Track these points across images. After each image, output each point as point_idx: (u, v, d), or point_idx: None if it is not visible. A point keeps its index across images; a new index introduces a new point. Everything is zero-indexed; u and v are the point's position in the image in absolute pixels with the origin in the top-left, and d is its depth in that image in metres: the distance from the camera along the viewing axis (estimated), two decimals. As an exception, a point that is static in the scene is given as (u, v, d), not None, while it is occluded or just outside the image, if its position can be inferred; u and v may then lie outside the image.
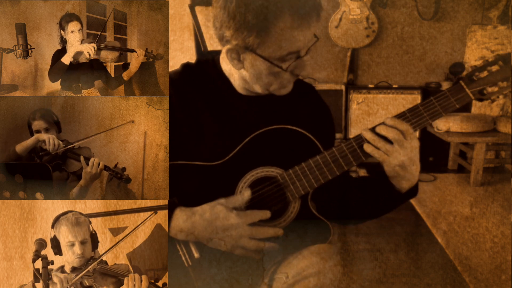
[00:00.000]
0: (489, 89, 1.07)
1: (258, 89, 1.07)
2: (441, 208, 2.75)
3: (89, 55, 1.17)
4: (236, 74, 1.09)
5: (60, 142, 1.13)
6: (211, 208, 1.03)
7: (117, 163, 1.15)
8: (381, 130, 1.02)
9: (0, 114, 1.14)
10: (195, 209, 1.04)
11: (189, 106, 1.12)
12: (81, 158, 1.13)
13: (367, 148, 1.03)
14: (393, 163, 1.01)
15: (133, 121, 1.15)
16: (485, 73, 1.07)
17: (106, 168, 1.13)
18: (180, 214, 1.04)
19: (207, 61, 1.16)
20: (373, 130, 1.03)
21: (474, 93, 1.06)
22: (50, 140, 1.12)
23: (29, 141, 1.12)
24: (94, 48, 1.18)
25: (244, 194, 1.05)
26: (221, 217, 1.01)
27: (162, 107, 1.14)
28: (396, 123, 1.02)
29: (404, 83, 3.52)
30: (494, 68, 1.07)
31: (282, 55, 0.98)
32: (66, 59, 1.17)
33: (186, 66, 1.16)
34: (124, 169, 1.14)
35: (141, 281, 1.06)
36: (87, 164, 1.12)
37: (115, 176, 1.13)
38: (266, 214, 1.03)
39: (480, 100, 1.08)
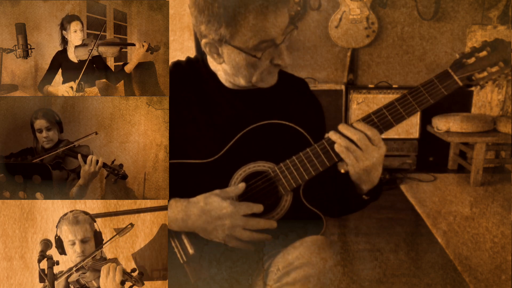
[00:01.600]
0: (478, 75, 1.06)
1: (241, 81, 1.08)
2: (441, 208, 2.75)
3: (67, 93, 1.18)
4: (221, 70, 1.10)
5: None
6: (206, 198, 1.03)
7: (114, 159, 1.14)
8: (348, 131, 1.02)
9: (0, 114, 1.14)
10: (190, 199, 1.04)
11: (181, 104, 1.12)
12: (79, 156, 1.12)
13: (337, 147, 1.03)
14: (358, 166, 1.02)
15: (96, 133, 1.15)
16: (472, 60, 1.07)
17: (104, 165, 1.13)
18: (175, 205, 1.05)
19: (196, 59, 1.17)
20: (340, 131, 1.03)
21: (462, 79, 1.06)
22: None
23: None
24: (71, 88, 1.18)
25: (239, 186, 1.05)
26: (215, 206, 1.02)
27: (162, 107, 1.14)
28: (364, 128, 1.02)
29: (404, 83, 3.52)
30: (482, 54, 1.07)
31: (255, 44, 0.98)
32: (50, 89, 1.19)
33: (176, 65, 1.16)
34: (121, 165, 1.14)
35: (116, 269, 1.05)
36: (85, 163, 1.12)
37: (111, 172, 1.13)
38: (259, 208, 1.04)
39: (469, 86, 1.08)
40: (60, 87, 1.18)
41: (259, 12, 0.95)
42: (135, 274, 1.05)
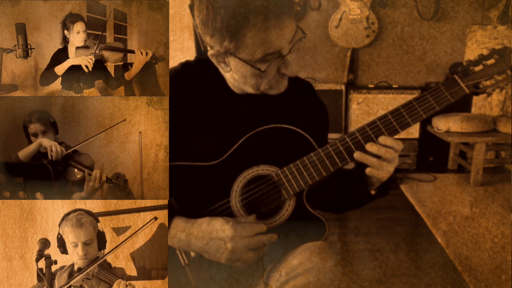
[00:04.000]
0: (485, 83, 1.06)
1: (249, 89, 1.08)
2: (441, 208, 2.75)
3: (87, 68, 1.16)
4: (229, 75, 1.10)
5: (63, 149, 1.11)
6: (209, 220, 1.03)
7: (118, 174, 1.13)
8: (380, 151, 1.03)
9: (0, 114, 1.14)
10: (194, 220, 1.04)
11: (187, 105, 1.12)
12: (86, 172, 1.11)
13: (369, 171, 1.03)
14: (385, 176, 1.04)
15: (125, 120, 1.14)
16: (480, 67, 1.06)
17: (107, 180, 1.12)
18: (179, 224, 1.05)
19: (206, 60, 1.16)
20: (370, 151, 1.03)
21: (468, 87, 1.06)
22: (53, 147, 1.10)
23: (32, 147, 1.10)
24: (92, 60, 1.17)
25: (248, 218, 1.05)
26: (216, 229, 1.01)
27: (162, 107, 1.14)
28: (392, 143, 1.03)
29: (404, 83, 3.52)
30: (490, 62, 1.06)
31: (260, 57, 0.98)
32: (60, 70, 1.17)
33: (185, 65, 1.16)
34: (126, 181, 1.13)
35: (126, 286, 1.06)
36: (90, 175, 1.11)
37: (117, 187, 1.13)
38: (262, 227, 1.04)
39: (476, 94, 1.08)
40: (78, 59, 1.16)
41: (262, 27, 0.94)
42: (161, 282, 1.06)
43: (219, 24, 0.95)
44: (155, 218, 1.10)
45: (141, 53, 1.17)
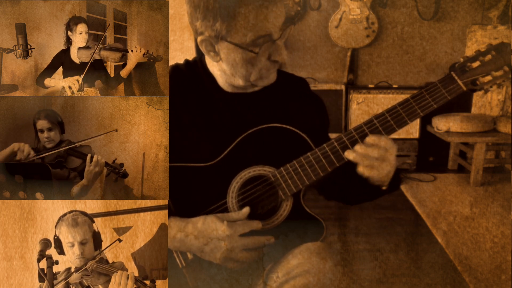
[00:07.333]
0: (482, 79, 1.05)
1: (239, 81, 1.06)
2: (441, 208, 2.75)
3: (71, 90, 1.17)
4: (219, 71, 1.09)
5: (32, 152, 1.13)
6: (205, 219, 1.03)
7: (115, 158, 1.15)
8: (366, 150, 1.01)
9: (0, 114, 1.14)
10: (189, 219, 1.04)
11: (180, 108, 1.12)
12: (88, 157, 1.13)
13: (360, 169, 1.02)
14: (382, 174, 1.02)
15: (116, 130, 1.15)
16: (477, 63, 1.05)
17: (106, 164, 1.14)
18: (175, 224, 1.04)
19: (195, 61, 1.16)
20: (354, 149, 1.02)
21: (466, 84, 1.04)
22: (23, 149, 1.12)
23: (7, 150, 1.12)
24: (77, 81, 1.18)
25: (242, 211, 1.05)
26: (212, 227, 1.01)
27: (162, 107, 1.14)
28: (377, 141, 1.01)
29: (404, 83, 3.52)
30: (487, 58, 1.05)
31: (252, 40, 0.97)
32: (48, 83, 1.18)
33: (175, 68, 1.16)
34: (122, 164, 1.14)
35: (128, 278, 1.05)
36: (90, 162, 1.13)
37: (112, 171, 1.13)
38: (258, 224, 1.03)
39: (473, 90, 1.06)
40: (66, 80, 1.18)
41: (256, 7, 0.94)
42: (148, 282, 1.05)
43: (212, 4, 0.95)
44: (119, 240, 1.10)
45: (134, 50, 1.18)
